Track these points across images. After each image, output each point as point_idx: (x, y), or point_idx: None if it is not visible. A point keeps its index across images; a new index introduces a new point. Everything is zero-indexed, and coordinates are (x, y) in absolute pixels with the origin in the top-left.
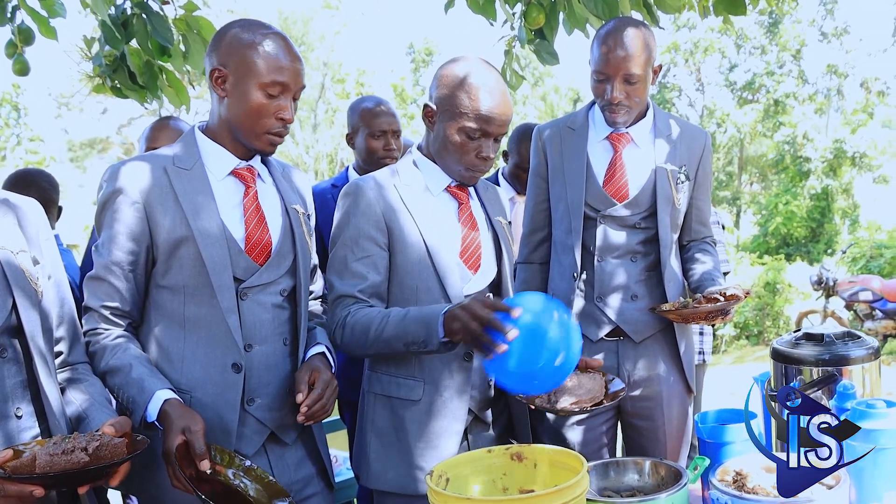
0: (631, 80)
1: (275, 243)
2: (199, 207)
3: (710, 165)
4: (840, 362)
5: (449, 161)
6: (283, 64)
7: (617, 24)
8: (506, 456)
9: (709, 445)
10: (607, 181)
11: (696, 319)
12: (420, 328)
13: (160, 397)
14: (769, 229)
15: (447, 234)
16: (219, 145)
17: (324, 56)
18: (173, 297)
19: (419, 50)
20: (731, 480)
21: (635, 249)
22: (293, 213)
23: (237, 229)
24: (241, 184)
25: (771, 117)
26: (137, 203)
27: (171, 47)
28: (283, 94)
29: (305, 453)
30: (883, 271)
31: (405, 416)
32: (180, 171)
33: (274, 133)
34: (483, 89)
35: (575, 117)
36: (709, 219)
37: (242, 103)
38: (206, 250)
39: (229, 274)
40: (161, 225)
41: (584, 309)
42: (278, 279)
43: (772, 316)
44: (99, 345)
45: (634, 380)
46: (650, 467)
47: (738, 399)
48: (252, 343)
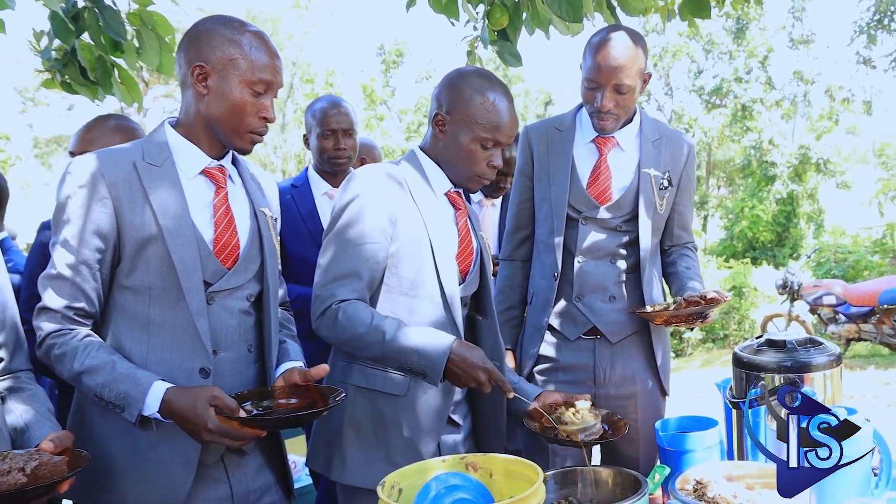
0: (621, 90)
1: (243, 247)
2: (169, 206)
3: (694, 172)
4: (802, 369)
5: (459, 168)
6: (268, 62)
7: (610, 33)
8: (460, 465)
9: (669, 454)
10: (591, 183)
11: (676, 322)
12: (422, 361)
13: (159, 389)
14: (735, 233)
15: (448, 236)
16: (191, 143)
17: (292, 56)
18: (137, 299)
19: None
20: (692, 490)
21: (615, 252)
22: (261, 216)
23: (206, 231)
24: (212, 184)
25: (738, 122)
26: (106, 198)
27: (124, 42)
28: (266, 91)
29: (265, 461)
30: (847, 275)
31: (387, 411)
32: (150, 168)
33: (256, 132)
34: (497, 102)
35: (563, 118)
36: (690, 224)
37: (226, 101)
38: (176, 251)
39: (199, 276)
40: (129, 222)
41: (564, 308)
42: (245, 284)
43: (737, 319)
44: (69, 346)
45: (609, 379)
46: (609, 476)
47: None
48: (217, 349)
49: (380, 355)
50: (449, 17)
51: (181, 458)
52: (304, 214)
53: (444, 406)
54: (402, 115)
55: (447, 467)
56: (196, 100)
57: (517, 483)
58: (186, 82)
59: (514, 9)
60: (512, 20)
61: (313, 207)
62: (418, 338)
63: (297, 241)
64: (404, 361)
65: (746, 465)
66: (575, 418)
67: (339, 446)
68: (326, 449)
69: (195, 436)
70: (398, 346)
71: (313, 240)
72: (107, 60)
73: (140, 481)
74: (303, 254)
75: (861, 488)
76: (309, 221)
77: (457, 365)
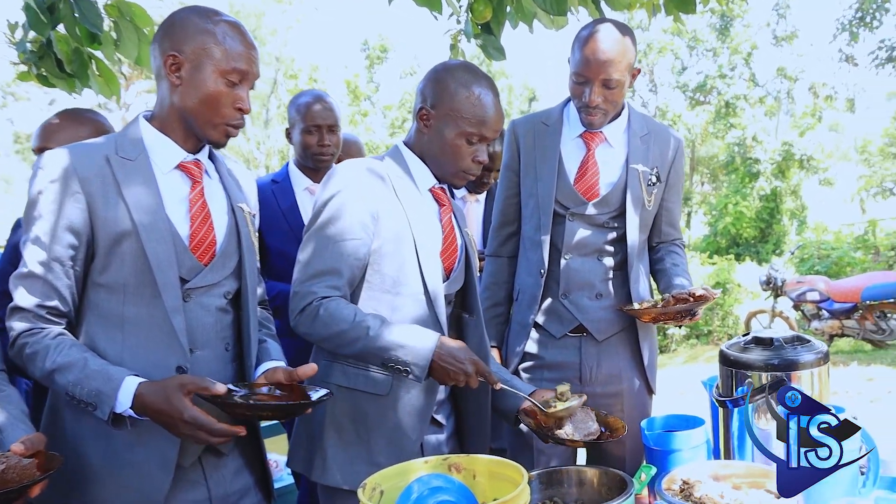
0: (610, 84)
1: (219, 243)
2: (144, 201)
3: (682, 168)
4: (789, 367)
5: (444, 163)
6: (243, 51)
7: (600, 27)
8: (443, 466)
9: (656, 453)
10: (578, 179)
11: (665, 319)
12: (407, 355)
13: (131, 384)
14: (719, 229)
15: (432, 232)
16: (166, 136)
17: (276, 51)
18: (111, 297)
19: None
20: (679, 490)
21: (603, 248)
22: (239, 211)
23: (182, 226)
24: (188, 178)
25: (722, 119)
26: (79, 193)
27: (101, 34)
28: (242, 82)
29: (244, 463)
30: (830, 272)
31: (369, 411)
32: (124, 162)
33: (232, 124)
34: (482, 97)
35: (550, 113)
36: (679, 221)
37: (199, 91)
38: (151, 246)
39: (175, 272)
40: (103, 217)
41: (550, 305)
42: (222, 281)
43: (721, 315)
44: (41, 344)
45: (595, 377)
46: (595, 476)
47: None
48: (194, 347)
49: (362, 352)
50: (431, 10)
51: (158, 460)
52: (285, 210)
53: (427, 406)
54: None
55: (430, 468)
56: (170, 91)
57: (501, 484)
58: (161, 73)
59: (498, 2)
60: (495, 13)
61: (294, 203)
62: (404, 333)
63: (277, 237)
64: (389, 357)
65: (733, 465)
66: (560, 402)
67: (321, 446)
68: (307, 449)
69: (172, 429)
70: (383, 341)
71: (294, 235)
72: (83, 52)
73: (116, 485)
74: (283, 249)
75: (849, 487)
76: (290, 217)
77: (443, 359)
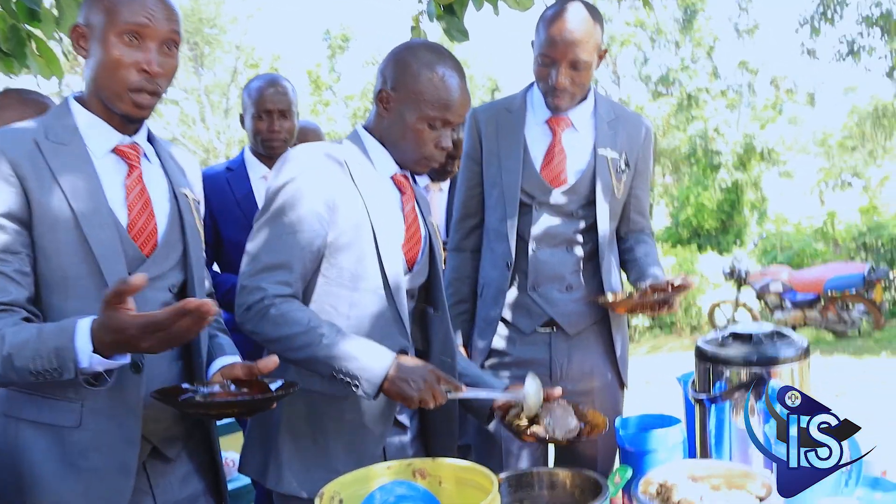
0: (577, 66)
1: (161, 232)
2: (81, 187)
3: (651, 155)
4: (769, 363)
5: (405, 149)
6: (142, 5)
7: (567, 6)
8: (407, 472)
9: (630, 454)
10: (545, 166)
11: (642, 310)
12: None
13: (84, 327)
14: (681, 220)
15: (393, 222)
16: (97, 117)
17: (236, 39)
18: (51, 294)
19: (335, 36)
20: (655, 493)
21: (572, 238)
22: (182, 197)
23: (121, 214)
24: (125, 163)
25: (684, 111)
26: (11, 177)
27: (40, 10)
28: (143, 40)
29: (193, 468)
30: (792, 263)
31: (325, 414)
32: (56, 147)
33: (135, 89)
34: (446, 78)
35: (513, 99)
36: (647, 210)
37: (100, 57)
38: (93, 235)
39: (122, 260)
40: (38, 202)
41: (517, 299)
42: (166, 273)
43: (684, 306)
44: None
45: (566, 374)
46: (567, 478)
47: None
48: None
49: (311, 358)
50: None
51: (117, 465)
52: (240, 198)
53: (389, 407)
54: (348, 101)
55: (392, 474)
56: (85, 67)
57: (469, 491)
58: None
59: None
60: None
61: (249, 191)
62: (360, 346)
63: (231, 227)
64: (339, 367)
65: (711, 465)
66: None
67: (275, 451)
68: (261, 454)
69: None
70: (336, 350)
71: (249, 225)
72: (21, 30)
73: (72, 495)
74: (238, 240)
75: (832, 486)
76: (244, 206)
77: (402, 370)
